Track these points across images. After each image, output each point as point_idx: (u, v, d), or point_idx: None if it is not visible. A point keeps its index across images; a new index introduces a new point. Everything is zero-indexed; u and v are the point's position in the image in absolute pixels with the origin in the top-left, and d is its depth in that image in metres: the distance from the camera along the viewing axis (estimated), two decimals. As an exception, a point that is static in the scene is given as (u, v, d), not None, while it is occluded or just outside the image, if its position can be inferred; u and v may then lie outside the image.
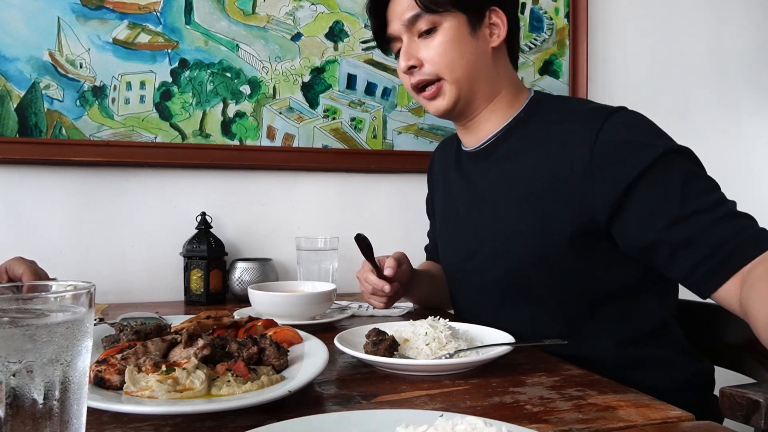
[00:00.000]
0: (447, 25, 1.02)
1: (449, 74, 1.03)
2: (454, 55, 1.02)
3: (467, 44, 1.03)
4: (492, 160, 1.08)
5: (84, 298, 0.47)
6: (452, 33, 1.02)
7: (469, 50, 1.03)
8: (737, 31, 2.03)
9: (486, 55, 1.06)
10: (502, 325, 0.94)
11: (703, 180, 0.87)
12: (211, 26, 1.54)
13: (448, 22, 1.02)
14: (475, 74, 1.04)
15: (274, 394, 0.63)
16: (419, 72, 1.05)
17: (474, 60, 1.04)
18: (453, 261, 1.21)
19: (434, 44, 1.03)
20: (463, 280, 1.16)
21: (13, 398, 0.43)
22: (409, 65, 1.05)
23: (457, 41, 1.02)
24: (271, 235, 1.63)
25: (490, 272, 1.06)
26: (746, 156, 2.01)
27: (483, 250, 1.08)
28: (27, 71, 1.42)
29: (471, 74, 1.04)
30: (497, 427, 0.48)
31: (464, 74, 1.03)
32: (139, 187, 1.54)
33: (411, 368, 0.79)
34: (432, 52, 1.03)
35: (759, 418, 0.78)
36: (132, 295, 1.51)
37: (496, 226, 1.05)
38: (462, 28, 1.03)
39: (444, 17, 1.02)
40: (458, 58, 1.03)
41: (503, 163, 1.06)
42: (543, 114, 1.05)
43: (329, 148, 1.64)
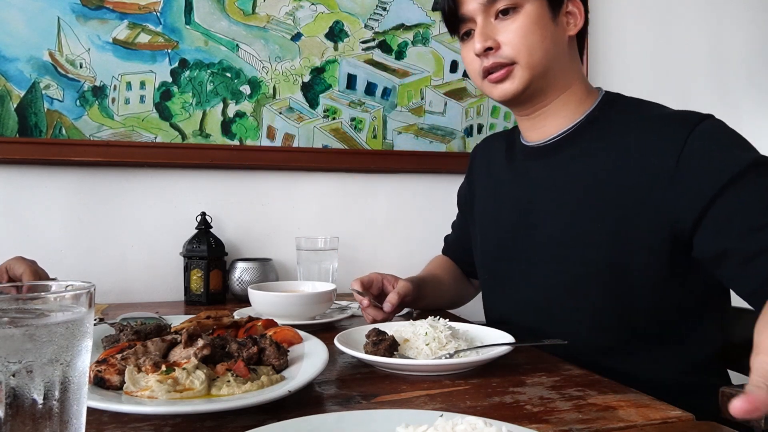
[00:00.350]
0: (529, 7, 0.98)
1: (527, 58, 0.98)
2: (535, 38, 0.98)
3: (548, 29, 0.99)
4: (559, 158, 1.03)
5: (84, 298, 0.47)
6: (534, 15, 0.98)
7: (549, 35, 0.99)
8: (737, 31, 2.03)
9: (563, 43, 1.02)
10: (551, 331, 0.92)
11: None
12: (211, 26, 1.54)
13: (531, 4, 0.98)
14: (552, 62, 1.00)
15: (274, 394, 0.63)
16: (495, 55, 1.00)
17: (552, 46, 0.99)
18: (495, 260, 1.14)
19: (514, 26, 0.98)
20: (508, 281, 1.10)
21: (13, 398, 0.43)
22: (486, 46, 0.99)
23: (538, 24, 0.98)
24: (271, 235, 1.63)
25: (547, 276, 1.01)
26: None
27: (540, 252, 1.02)
28: (27, 71, 1.42)
29: (548, 61, 0.99)
30: (497, 427, 0.48)
31: (541, 60, 0.99)
32: (139, 187, 1.54)
33: (411, 368, 0.79)
34: (512, 34, 0.98)
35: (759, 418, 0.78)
36: (132, 295, 1.51)
37: (557, 228, 1.00)
38: (543, 12, 0.98)
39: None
40: (539, 42, 0.98)
41: (572, 163, 1.01)
42: (619, 115, 0.99)
43: (329, 148, 1.64)
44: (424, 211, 1.70)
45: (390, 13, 1.68)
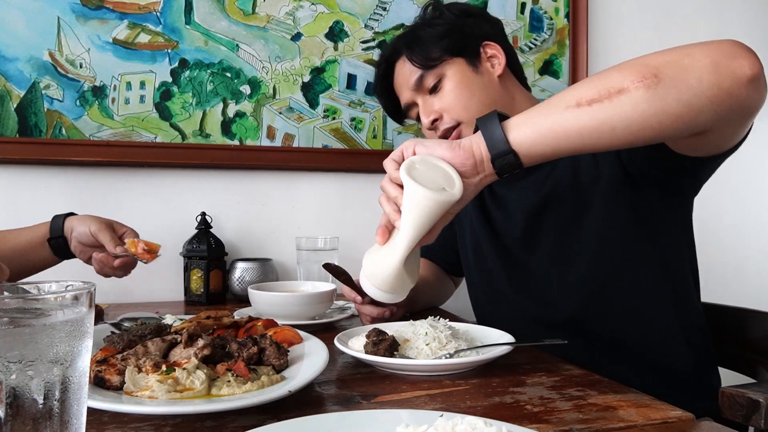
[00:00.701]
0: (450, 73, 1.10)
1: (466, 115, 1.08)
2: (465, 96, 1.09)
3: (473, 82, 1.10)
4: (529, 180, 1.09)
5: (84, 298, 0.47)
6: (457, 77, 1.09)
7: (478, 87, 1.10)
8: (737, 31, 2.03)
9: (494, 85, 1.11)
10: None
11: None
12: (211, 26, 1.54)
13: (450, 70, 1.10)
14: (490, 107, 1.06)
15: (274, 394, 0.63)
16: (441, 123, 1.11)
17: (485, 94, 1.09)
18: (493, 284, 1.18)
19: (445, 93, 1.10)
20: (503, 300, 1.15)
21: (13, 398, 0.43)
22: (431, 120, 1.11)
23: (464, 83, 1.09)
24: (271, 235, 1.63)
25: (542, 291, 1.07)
26: (746, 155, 2.00)
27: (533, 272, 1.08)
28: (27, 71, 1.42)
29: (486, 108, 1.05)
30: (497, 427, 0.48)
31: (480, 111, 1.04)
32: (139, 187, 1.54)
33: (411, 368, 0.79)
34: (445, 100, 1.10)
35: (759, 418, 0.78)
36: (132, 295, 1.51)
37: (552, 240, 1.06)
38: (465, 71, 1.10)
39: (444, 67, 1.10)
40: (470, 98, 1.09)
41: (542, 183, 1.07)
42: None
43: (329, 148, 1.64)
44: (424, 211, 1.70)
45: (390, 13, 1.68)
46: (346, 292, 1.12)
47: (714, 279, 1.90)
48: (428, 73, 1.10)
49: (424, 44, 1.11)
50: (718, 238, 1.97)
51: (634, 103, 0.69)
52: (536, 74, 1.80)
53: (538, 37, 1.80)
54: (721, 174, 0.95)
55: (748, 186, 2.01)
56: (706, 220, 1.96)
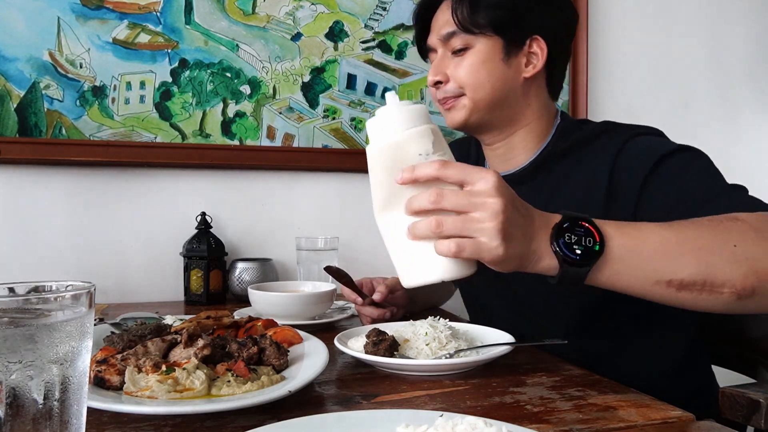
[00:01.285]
0: (480, 47, 1.00)
1: (471, 93, 1.02)
2: (480, 77, 1.01)
3: (496, 69, 1.01)
4: (523, 187, 1.03)
5: (84, 298, 0.47)
6: (483, 56, 1.00)
7: (497, 75, 1.01)
8: (737, 31, 2.03)
9: (515, 83, 1.03)
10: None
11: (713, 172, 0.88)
12: (211, 26, 1.54)
13: (482, 44, 1.00)
14: (499, 100, 1.02)
15: (274, 394, 0.63)
16: (443, 89, 1.04)
17: (500, 86, 1.01)
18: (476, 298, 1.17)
19: (464, 63, 1.01)
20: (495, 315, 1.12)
21: (13, 398, 0.43)
22: (435, 80, 1.04)
23: (486, 64, 1.01)
24: (271, 235, 1.63)
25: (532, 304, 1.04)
26: (746, 155, 2.01)
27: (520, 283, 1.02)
28: (27, 71, 1.42)
29: (493, 99, 1.02)
30: (497, 427, 0.48)
31: (486, 97, 1.01)
32: (139, 187, 1.54)
33: (411, 368, 0.79)
34: (460, 70, 1.02)
35: (759, 418, 0.78)
36: (132, 295, 1.51)
37: None
38: (495, 53, 1.01)
39: (478, 38, 1.00)
40: (484, 82, 1.01)
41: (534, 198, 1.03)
42: (574, 145, 1.02)
43: (329, 148, 1.64)
44: (424, 211, 1.70)
45: (390, 13, 1.68)
46: (347, 293, 1.12)
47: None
48: (461, 35, 1.00)
49: (476, 6, 1.00)
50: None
51: (720, 303, 0.68)
52: (536, 74, 1.80)
53: (538, 37, 1.80)
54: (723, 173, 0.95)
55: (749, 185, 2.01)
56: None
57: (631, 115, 1.89)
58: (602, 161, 0.95)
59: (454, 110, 1.04)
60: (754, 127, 2.04)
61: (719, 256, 0.66)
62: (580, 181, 0.98)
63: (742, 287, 0.66)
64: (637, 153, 0.92)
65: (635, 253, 0.67)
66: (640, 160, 0.90)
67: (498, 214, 0.63)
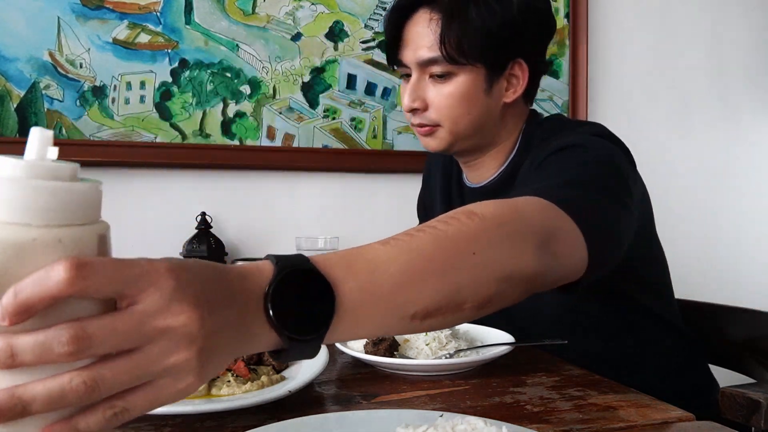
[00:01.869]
0: (463, 77, 0.94)
1: (450, 125, 0.97)
2: (461, 110, 0.95)
3: (478, 101, 0.95)
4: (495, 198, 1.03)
5: (84, 298, 0.47)
6: (466, 87, 0.94)
7: (479, 107, 0.96)
8: (737, 31, 2.03)
9: (495, 110, 0.98)
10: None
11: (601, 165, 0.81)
12: (211, 26, 1.54)
13: (465, 75, 0.94)
14: (477, 129, 0.98)
15: (274, 394, 0.63)
16: (421, 116, 0.98)
17: (479, 117, 0.97)
18: None
19: (444, 93, 0.95)
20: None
21: (12, 398, 0.43)
22: (413, 107, 0.97)
23: (468, 97, 0.95)
24: (271, 235, 1.63)
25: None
26: (746, 155, 2.01)
27: None
28: (27, 71, 1.42)
29: (473, 130, 0.98)
30: (497, 427, 0.48)
31: (465, 129, 0.97)
32: (139, 187, 1.54)
33: (411, 368, 0.79)
34: (440, 101, 0.95)
35: (759, 418, 0.78)
36: (132, 295, 1.51)
37: None
38: (478, 84, 0.94)
39: (462, 68, 0.93)
40: (465, 114, 0.96)
41: None
42: (533, 151, 0.98)
43: (329, 148, 1.64)
44: (424, 211, 1.70)
45: (390, 13, 1.68)
46: None
47: (714, 278, 1.91)
48: (443, 63, 0.93)
49: (465, 32, 0.91)
50: (718, 238, 1.97)
51: (461, 320, 0.55)
52: (536, 74, 1.80)
53: (538, 37, 1.80)
54: (723, 173, 0.95)
55: (749, 186, 2.01)
56: (707, 218, 1.96)
57: (631, 115, 1.89)
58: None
59: (430, 138, 1.00)
60: (753, 128, 2.04)
61: (461, 271, 0.54)
62: None
63: (482, 298, 0.55)
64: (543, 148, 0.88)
65: (372, 294, 0.49)
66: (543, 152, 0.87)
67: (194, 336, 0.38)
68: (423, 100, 0.96)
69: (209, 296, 0.40)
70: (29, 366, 0.34)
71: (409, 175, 1.73)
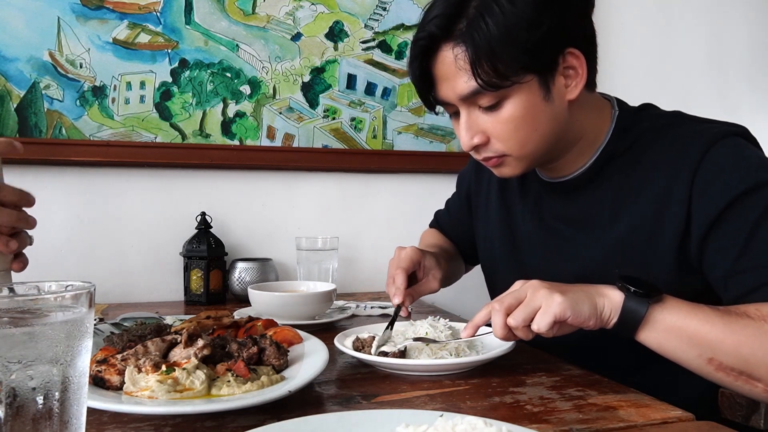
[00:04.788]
0: (515, 97, 0.83)
1: (519, 151, 0.87)
2: (526, 131, 0.85)
3: (541, 113, 0.85)
4: (581, 194, 0.96)
5: (84, 298, 0.47)
6: (522, 105, 0.83)
7: (544, 120, 0.85)
8: (737, 31, 2.03)
9: (562, 114, 0.87)
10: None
11: None
12: (211, 26, 1.54)
13: (517, 93, 0.82)
14: (549, 141, 0.88)
15: (274, 394, 0.63)
16: (485, 149, 0.89)
17: (548, 129, 0.87)
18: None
19: (502, 119, 0.84)
20: None
21: (13, 398, 0.43)
22: (474, 145, 0.88)
23: (529, 114, 0.84)
24: (271, 235, 1.63)
25: None
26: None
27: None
28: (27, 71, 1.42)
29: (544, 144, 0.88)
30: (497, 427, 0.48)
31: (536, 148, 0.88)
32: (139, 187, 1.54)
33: (411, 368, 0.79)
34: (501, 128, 0.85)
35: (759, 418, 0.78)
36: (132, 295, 1.51)
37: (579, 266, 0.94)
38: (534, 96, 0.83)
39: (512, 89, 0.82)
40: (531, 133, 0.86)
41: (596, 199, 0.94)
42: (637, 143, 0.92)
43: (329, 148, 1.64)
44: (424, 211, 1.69)
45: (390, 13, 1.68)
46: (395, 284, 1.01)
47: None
48: (487, 93, 0.82)
49: (498, 54, 0.79)
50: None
51: (754, 395, 0.72)
52: (536, 74, 1.80)
53: (538, 37, 1.80)
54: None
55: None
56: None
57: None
58: (678, 169, 0.84)
59: (501, 167, 0.91)
60: (753, 127, 2.03)
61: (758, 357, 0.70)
62: (649, 190, 0.87)
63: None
64: (722, 170, 0.81)
65: (683, 320, 0.72)
66: (721, 184, 0.80)
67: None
68: (482, 133, 0.87)
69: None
70: None
71: (409, 175, 1.74)
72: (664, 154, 0.87)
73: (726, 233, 0.79)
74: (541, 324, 0.71)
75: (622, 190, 0.91)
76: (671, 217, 0.84)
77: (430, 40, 0.84)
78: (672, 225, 0.84)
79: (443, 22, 0.82)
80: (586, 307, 0.72)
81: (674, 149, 0.86)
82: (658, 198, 0.86)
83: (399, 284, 0.98)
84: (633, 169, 0.90)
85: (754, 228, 0.77)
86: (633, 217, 0.89)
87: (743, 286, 0.76)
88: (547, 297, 0.72)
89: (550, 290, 0.72)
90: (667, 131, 0.90)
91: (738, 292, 0.77)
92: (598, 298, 0.74)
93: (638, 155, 0.91)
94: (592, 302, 0.73)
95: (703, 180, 0.82)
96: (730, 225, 0.79)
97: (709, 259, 0.82)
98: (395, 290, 0.98)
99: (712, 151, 0.83)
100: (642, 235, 0.87)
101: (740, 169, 0.81)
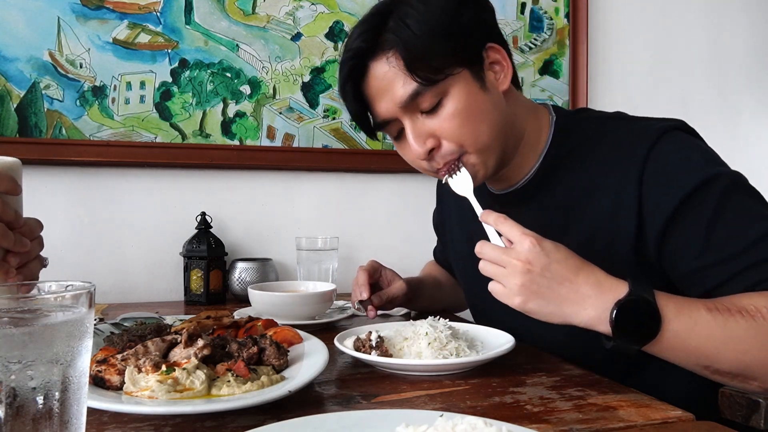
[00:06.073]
0: (455, 90, 0.83)
1: (473, 146, 0.85)
2: (474, 121, 0.84)
3: (482, 102, 0.85)
4: (531, 204, 0.95)
5: (84, 298, 0.47)
6: (463, 97, 0.84)
7: (487, 108, 0.85)
8: (737, 31, 2.03)
9: (501, 103, 0.88)
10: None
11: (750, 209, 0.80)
12: (211, 26, 1.54)
13: (454, 87, 0.83)
14: (500, 129, 0.88)
15: (274, 394, 0.63)
16: (439, 154, 0.86)
17: (494, 117, 0.86)
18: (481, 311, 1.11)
19: (447, 116, 0.84)
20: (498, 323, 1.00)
21: (13, 398, 0.43)
22: (428, 149, 0.86)
23: (472, 104, 0.84)
24: (271, 235, 1.63)
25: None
26: (746, 155, 2.01)
27: None
28: (27, 71, 1.42)
29: (497, 133, 0.87)
30: (497, 427, 0.48)
31: (489, 139, 0.86)
32: (139, 187, 1.54)
33: (411, 368, 0.79)
34: (447, 126, 0.84)
35: (759, 418, 0.78)
36: (132, 295, 1.51)
37: None
38: (471, 86, 0.84)
39: (448, 83, 0.83)
40: (479, 123, 0.85)
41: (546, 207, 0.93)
42: (581, 145, 0.91)
43: (329, 148, 1.64)
44: (425, 211, 1.70)
45: (390, 13, 1.68)
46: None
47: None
48: (428, 91, 0.82)
49: (427, 49, 0.82)
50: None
51: (748, 390, 0.76)
52: (536, 74, 1.80)
53: (538, 37, 1.80)
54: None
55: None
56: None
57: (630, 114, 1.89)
58: (625, 168, 0.84)
59: (462, 174, 0.88)
60: (753, 127, 2.04)
61: (756, 358, 0.71)
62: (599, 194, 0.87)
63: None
64: (669, 168, 0.82)
65: (683, 342, 0.72)
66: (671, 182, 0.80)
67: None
68: (431, 137, 0.86)
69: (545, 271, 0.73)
70: None
71: (409, 175, 1.74)
72: (611, 155, 0.87)
73: (683, 232, 0.80)
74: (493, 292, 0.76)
75: (572, 197, 0.90)
76: (624, 220, 0.84)
77: (360, 56, 0.86)
78: (626, 227, 0.84)
79: (369, 37, 0.85)
80: (549, 317, 0.74)
81: (621, 149, 0.86)
82: (609, 201, 0.86)
83: (362, 281, 1.09)
84: (579, 172, 0.90)
85: (710, 223, 0.78)
86: (586, 225, 0.89)
87: (712, 280, 0.77)
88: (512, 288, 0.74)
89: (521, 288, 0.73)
90: (610, 131, 0.90)
91: (707, 287, 0.78)
92: (575, 317, 0.73)
93: (584, 156, 0.91)
94: (561, 315, 0.73)
95: (652, 179, 0.82)
96: (687, 222, 0.79)
97: (669, 258, 0.82)
98: (360, 287, 1.09)
99: (657, 148, 0.83)
100: (599, 243, 0.86)
101: (687, 166, 0.81)
